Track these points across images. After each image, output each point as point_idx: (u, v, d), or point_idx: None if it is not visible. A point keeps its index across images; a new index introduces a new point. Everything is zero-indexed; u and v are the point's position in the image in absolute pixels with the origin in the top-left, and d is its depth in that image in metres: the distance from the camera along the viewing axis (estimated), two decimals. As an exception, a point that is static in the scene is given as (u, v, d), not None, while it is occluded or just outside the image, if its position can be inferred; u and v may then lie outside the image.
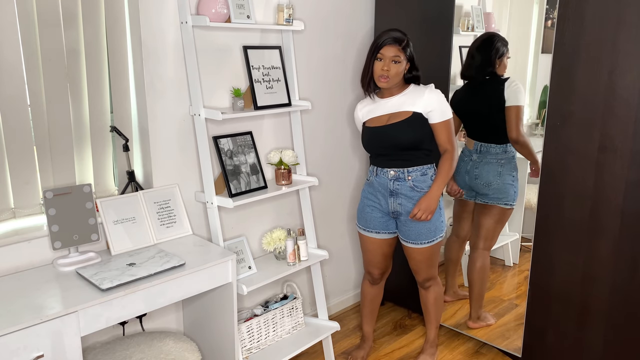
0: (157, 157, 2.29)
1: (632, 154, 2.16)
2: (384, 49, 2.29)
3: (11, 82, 1.93)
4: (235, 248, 2.41)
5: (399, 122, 2.33)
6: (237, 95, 2.39)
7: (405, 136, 2.32)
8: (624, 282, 2.26)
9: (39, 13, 1.96)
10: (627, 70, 2.13)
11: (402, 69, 2.31)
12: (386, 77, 2.30)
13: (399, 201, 2.40)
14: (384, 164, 2.41)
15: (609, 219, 2.26)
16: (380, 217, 2.48)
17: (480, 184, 2.81)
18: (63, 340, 1.69)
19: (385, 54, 2.29)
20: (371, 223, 2.51)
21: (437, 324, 2.74)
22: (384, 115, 2.38)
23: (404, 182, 2.38)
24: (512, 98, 2.64)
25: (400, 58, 2.29)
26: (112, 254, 2.08)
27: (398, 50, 2.28)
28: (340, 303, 3.31)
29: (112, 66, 2.20)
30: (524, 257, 3.07)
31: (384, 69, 2.29)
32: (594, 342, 2.39)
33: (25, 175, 2.02)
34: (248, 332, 2.45)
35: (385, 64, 2.29)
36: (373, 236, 2.53)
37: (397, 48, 2.28)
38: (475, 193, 2.87)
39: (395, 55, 2.28)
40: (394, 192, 2.40)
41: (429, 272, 2.56)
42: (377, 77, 2.32)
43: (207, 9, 2.19)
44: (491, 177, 2.78)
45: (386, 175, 2.41)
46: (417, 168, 2.37)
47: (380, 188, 2.43)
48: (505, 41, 2.72)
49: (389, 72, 2.29)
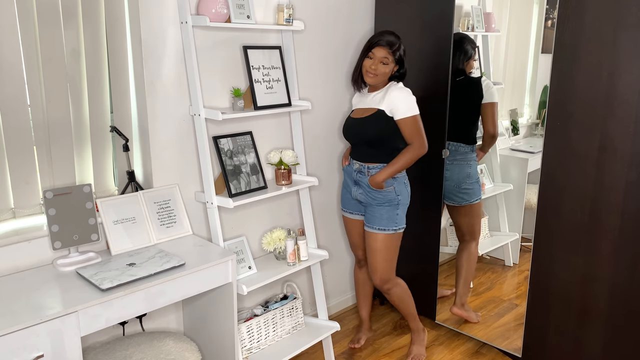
0: (157, 157, 2.29)
1: (632, 154, 2.16)
2: (376, 49, 2.43)
3: (11, 82, 1.93)
4: (235, 248, 2.41)
5: (365, 117, 2.48)
6: (237, 95, 2.39)
7: (367, 131, 2.46)
8: (624, 282, 2.26)
9: (39, 13, 1.96)
10: (627, 70, 2.13)
11: (389, 70, 2.45)
12: (373, 74, 2.45)
13: (360, 191, 2.56)
14: (354, 154, 2.58)
15: (609, 219, 2.26)
16: (351, 198, 2.64)
17: (450, 186, 2.83)
18: (63, 340, 1.69)
19: (375, 54, 2.43)
20: (347, 203, 2.68)
21: (413, 315, 2.78)
22: (362, 109, 2.54)
23: (364, 176, 2.52)
24: (487, 96, 2.75)
25: (389, 60, 2.43)
26: (112, 254, 2.08)
27: (388, 53, 2.42)
28: (340, 303, 3.31)
29: (112, 66, 2.20)
30: (524, 257, 3.07)
31: (372, 67, 2.44)
32: (594, 342, 2.39)
33: (25, 175, 2.02)
34: (248, 332, 2.45)
35: (374, 63, 2.44)
36: (348, 216, 2.70)
37: (387, 51, 2.42)
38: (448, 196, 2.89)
39: (384, 57, 2.42)
40: (357, 182, 2.57)
41: (384, 271, 2.57)
42: (365, 72, 2.47)
43: (207, 9, 2.19)
44: (461, 178, 2.84)
45: (352, 166, 2.58)
46: (377, 165, 2.49)
47: (349, 175, 2.62)
48: (474, 43, 2.82)
49: (376, 71, 2.44)
